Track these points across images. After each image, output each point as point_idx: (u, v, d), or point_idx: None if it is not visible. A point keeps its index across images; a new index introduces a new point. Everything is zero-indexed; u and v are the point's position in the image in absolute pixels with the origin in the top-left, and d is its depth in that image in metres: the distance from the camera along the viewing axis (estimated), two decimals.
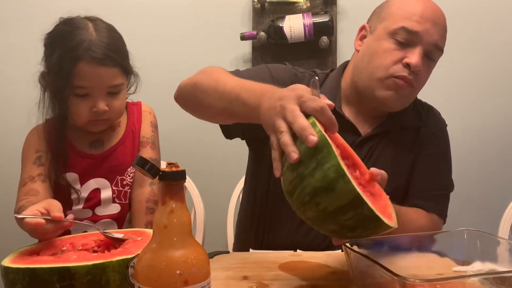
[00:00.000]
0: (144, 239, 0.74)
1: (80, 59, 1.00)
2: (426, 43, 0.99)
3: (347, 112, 1.08)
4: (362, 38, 1.09)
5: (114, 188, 1.13)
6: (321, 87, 1.09)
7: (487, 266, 0.72)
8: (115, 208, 1.13)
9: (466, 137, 1.86)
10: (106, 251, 0.73)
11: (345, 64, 1.15)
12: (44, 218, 0.75)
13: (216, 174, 1.85)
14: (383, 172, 0.73)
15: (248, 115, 0.80)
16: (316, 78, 0.75)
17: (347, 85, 1.09)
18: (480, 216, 1.77)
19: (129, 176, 1.15)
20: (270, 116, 0.69)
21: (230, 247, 1.50)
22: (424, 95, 1.15)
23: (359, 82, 1.05)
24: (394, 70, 0.99)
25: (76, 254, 0.68)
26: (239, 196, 1.57)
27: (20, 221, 0.79)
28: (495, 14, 1.83)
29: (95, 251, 0.74)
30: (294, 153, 0.63)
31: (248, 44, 1.85)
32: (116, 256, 0.65)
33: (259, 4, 1.82)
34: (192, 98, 0.96)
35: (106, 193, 1.12)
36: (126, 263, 0.64)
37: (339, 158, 0.62)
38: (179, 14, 1.87)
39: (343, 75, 1.12)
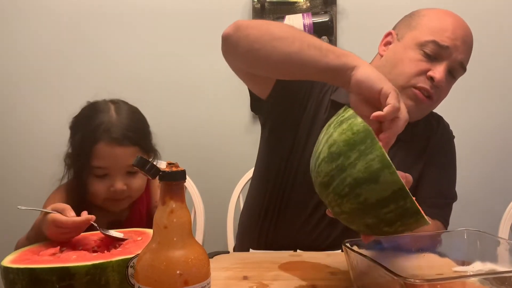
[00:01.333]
0: (144, 239, 0.74)
1: (99, 140, 1.01)
2: (452, 59, 0.98)
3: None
4: (387, 44, 1.08)
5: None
6: (339, 88, 1.07)
7: (487, 266, 0.72)
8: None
9: (466, 138, 1.85)
10: (106, 251, 0.73)
11: None
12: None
13: (216, 174, 1.85)
14: (408, 175, 0.74)
15: (335, 68, 0.77)
16: None
17: None
18: (480, 216, 1.77)
19: None
20: (381, 80, 0.72)
21: (230, 247, 1.50)
22: None
23: None
24: (416, 80, 0.99)
25: (76, 254, 0.68)
26: (239, 196, 1.57)
27: (43, 218, 0.82)
28: (495, 14, 1.83)
29: (95, 251, 0.74)
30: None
31: None
32: (115, 256, 0.65)
33: (259, 4, 1.82)
34: (258, 40, 0.86)
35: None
36: (125, 263, 0.64)
37: (383, 149, 0.61)
38: (179, 14, 1.87)
39: None
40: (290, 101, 1.05)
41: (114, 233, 0.79)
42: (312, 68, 0.80)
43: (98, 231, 0.79)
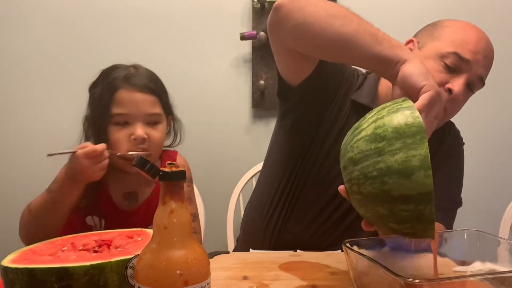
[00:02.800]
0: (144, 239, 0.74)
1: (119, 88, 1.04)
2: (472, 73, 0.98)
3: None
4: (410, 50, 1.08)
5: None
6: (360, 89, 1.07)
7: (487, 266, 0.72)
8: None
9: (466, 138, 1.85)
10: (106, 252, 0.73)
11: None
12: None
13: (216, 174, 1.85)
14: None
15: (385, 58, 0.77)
16: None
17: (384, 91, 1.07)
18: (480, 216, 1.77)
19: None
20: (425, 77, 0.72)
21: (230, 247, 1.51)
22: None
23: (397, 92, 1.06)
24: None
25: (76, 254, 0.68)
26: (239, 196, 1.57)
27: (70, 161, 0.93)
28: (496, 15, 1.83)
29: (95, 251, 0.74)
30: None
31: (248, 44, 1.85)
32: (115, 256, 0.65)
33: (259, 4, 1.82)
34: (312, 13, 0.83)
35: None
36: (125, 263, 0.64)
37: (428, 151, 0.61)
38: (179, 14, 1.87)
39: (380, 79, 1.11)
40: (318, 94, 1.04)
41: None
42: (364, 53, 0.78)
43: (98, 229, 0.80)
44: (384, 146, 0.62)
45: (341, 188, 0.73)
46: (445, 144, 1.12)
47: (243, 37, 1.78)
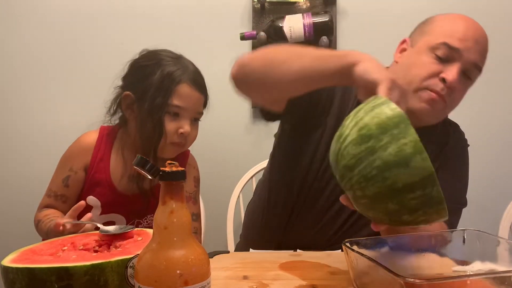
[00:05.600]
0: (144, 239, 0.74)
1: (183, 81, 1.11)
2: (465, 61, 0.99)
3: None
4: (402, 51, 1.09)
5: None
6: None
7: (487, 266, 0.72)
8: None
9: (466, 137, 1.86)
10: (106, 251, 0.73)
11: None
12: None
13: (216, 174, 1.85)
14: None
15: (339, 70, 0.80)
16: None
17: None
18: (480, 216, 1.77)
19: (147, 221, 1.17)
20: (376, 71, 0.74)
21: (230, 247, 1.51)
22: None
23: None
24: (429, 83, 0.99)
25: (76, 254, 0.68)
26: (239, 196, 1.57)
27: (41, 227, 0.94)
28: (495, 15, 1.83)
29: (96, 251, 0.74)
30: None
31: (248, 44, 1.85)
32: (115, 256, 0.65)
33: (259, 4, 1.82)
34: (264, 70, 0.92)
35: None
36: (125, 263, 0.64)
37: (417, 135, 0.61)
38: (179, 14, 1.87)
39: None
40: (310, 106, 1.05)
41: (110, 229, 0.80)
42: (321, 77, 0.84)
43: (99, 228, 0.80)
44: (374, 144, 0.62)
45: (342, 199, 0.73)
46: (449, 145, 1.12)
47: (243, 37, 1.78)
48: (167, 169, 0.52)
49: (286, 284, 0.74)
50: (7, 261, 0.65)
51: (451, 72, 0.97)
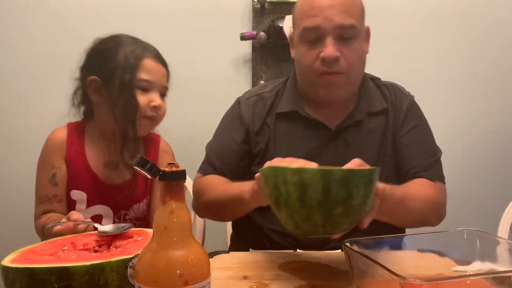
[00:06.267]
0: (144, 239, 0.74)
1: (146, 56, 1.14)
2: (331, 30, 0.99)
3: (312, 112, 1.09)
4: (293, 47, 1.11)
5: (116, 220, 1.15)
6: (283, 95, 1.13)
7: (487, 266, 0.72)
8: None
9: (466, 137, 1.86)
10: (106, 251, 0.73)
11: None
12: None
13: None
14: (356, 160, 0.80)
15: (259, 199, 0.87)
16: None
17: (305, 88, 1.11)
18: (480, 216, 1.77)
19: (133, 212, 1.17)
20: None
21: None
22: (425, 94, 1.14)
23: (303, 87, 1.10)
24: (315, 68, 1.01)
25: (76, 254, 0.68)
26: None
27: (47, 231, 0.92)
28: (495, 15, 1.83)
29: (96, 251, 0.74)
30: None
31: (248, 44, 1.85)
32: (115, 256, 0.65)
33: (259, 4, 1.82)
34: (218, 212, 1.11)
35: (107, 223, 1.12)
36: (125, 263, 0.64)
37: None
38: (179, 14, 1.87)
39: (296, 79, 1.14)
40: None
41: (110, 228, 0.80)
42: (241, 206, 0.97)
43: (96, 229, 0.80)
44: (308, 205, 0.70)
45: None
46: (395, 107, 1.10)
47: (243, 37, 1.78)
48: (167, 169, 0.53)
49: (286, 284, 0.74)
50: (7, 261, 0.65)
51: (326, 49, 0.98)
